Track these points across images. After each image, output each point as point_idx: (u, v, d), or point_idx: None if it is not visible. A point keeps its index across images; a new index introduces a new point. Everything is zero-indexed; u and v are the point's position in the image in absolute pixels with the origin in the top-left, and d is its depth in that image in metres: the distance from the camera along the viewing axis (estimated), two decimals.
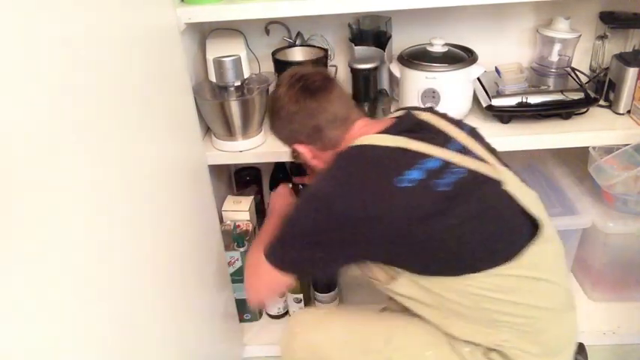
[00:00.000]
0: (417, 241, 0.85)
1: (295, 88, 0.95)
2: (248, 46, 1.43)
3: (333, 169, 0.89)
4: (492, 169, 0.91)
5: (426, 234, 0.84)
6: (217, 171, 1.47)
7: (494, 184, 0.89)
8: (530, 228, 0.91)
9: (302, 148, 1.00)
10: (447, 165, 0.87)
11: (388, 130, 0.91)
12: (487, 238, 0.87)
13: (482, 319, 0.90)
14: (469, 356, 0.93)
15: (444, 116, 0.99)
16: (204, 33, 1.40)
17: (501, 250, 0.87)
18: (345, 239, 0.86)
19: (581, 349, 1.29)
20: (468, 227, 0.85)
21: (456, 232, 0.85)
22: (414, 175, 0.84)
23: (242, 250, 1.44)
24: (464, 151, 0.92)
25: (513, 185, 0.91)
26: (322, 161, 0.99)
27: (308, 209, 0.89)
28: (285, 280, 0.93)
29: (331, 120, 0.95)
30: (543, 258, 0.90)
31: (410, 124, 0.93)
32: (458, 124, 0.98)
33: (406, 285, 0.92)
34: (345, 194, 0.84)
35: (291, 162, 1.39)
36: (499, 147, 1.30)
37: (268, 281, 0.94)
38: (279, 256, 0.92)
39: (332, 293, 1.54)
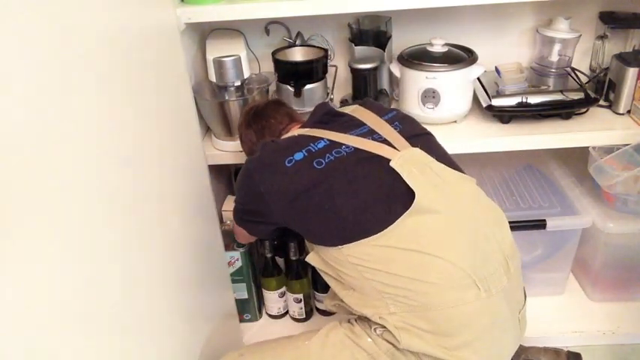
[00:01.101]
0: (299, 212, 0.97)
1: (249, 116, 1.19)
2: (248, 46, 1.43)
3: (256, 154, 1.03)
4: (388, 149, 0.98)
5: (303, 206, 0.96)
6: (217, 171, 1.47)
7: (381, 161, 0.96)
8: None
9: None
10: (333, 145, 0.98)
11: (303, 125, 1.09)
12: (359, 211, 0.93)
13: (369, 290, 0.93)
14: (372, 349, 0.94)
15: (372, 106, 1.10)
16: (204, 33, 1.40)
17: (374, 221, 0.91)
18: (262, 209, 1.01)
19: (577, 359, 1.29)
20: (338, 200, 0.93)
21: (327, 205, 0.94)
22: (298, 156, 0.97)
23: (242, 250, 1.44)
24: (367, 134, 1.01)
25: (409, 163, 0.95)
26: None
27: (239, 183, 1.05)
28: (247, 233, 1.15)
29: (276, 133, 1.14)
30: (419, 230, 0.91)
31: (319, 116, 1.08)
32: (380, 112, 1.08)
33: (314, 257, 1.01)
34: (257, 171, 0.99)
35: None
36: (499, 147, 1.32)
37: (237, 230, 1.19)
38: (235, 216, 1.13)
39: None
